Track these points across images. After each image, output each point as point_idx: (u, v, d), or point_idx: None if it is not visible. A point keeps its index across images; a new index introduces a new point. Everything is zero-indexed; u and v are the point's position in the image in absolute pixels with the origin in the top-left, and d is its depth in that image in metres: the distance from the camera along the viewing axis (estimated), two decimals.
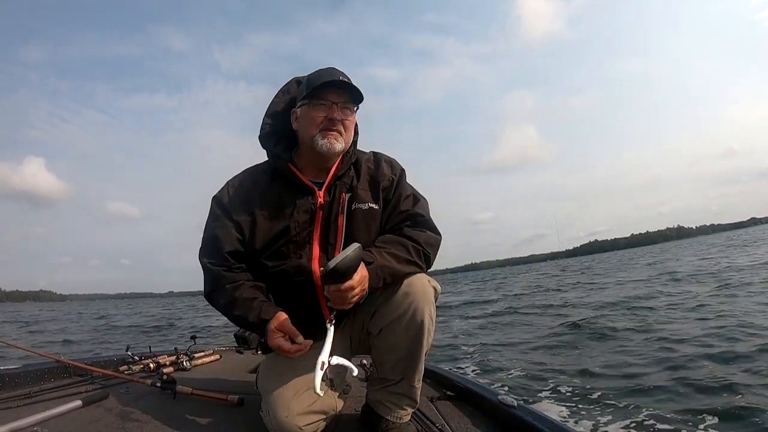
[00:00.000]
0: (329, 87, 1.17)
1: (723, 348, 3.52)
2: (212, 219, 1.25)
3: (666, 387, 2.80)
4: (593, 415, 2.51)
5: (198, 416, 1.41)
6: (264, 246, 1.20)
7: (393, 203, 1.26)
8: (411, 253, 1.16)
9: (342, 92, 1.19)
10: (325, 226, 1.21)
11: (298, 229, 1.20)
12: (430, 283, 1.18)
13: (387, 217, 1.26)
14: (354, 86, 1.18)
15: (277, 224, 1.20)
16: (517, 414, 1.23)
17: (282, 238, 1.20)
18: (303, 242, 1.20)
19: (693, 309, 5.64)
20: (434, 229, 1.25)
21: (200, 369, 2.20)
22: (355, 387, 1.69)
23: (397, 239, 1.19)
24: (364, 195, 1.24)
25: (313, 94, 1.18)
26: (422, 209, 1.27)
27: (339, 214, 1.21)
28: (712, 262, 14.44)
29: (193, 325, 10.75)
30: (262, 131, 1.28)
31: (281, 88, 1.32)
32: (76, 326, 13.48)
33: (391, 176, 1.28)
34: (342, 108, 1.19)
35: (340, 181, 1.24)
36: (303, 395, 1.15)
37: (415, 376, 1.21)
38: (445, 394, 1.57)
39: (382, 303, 1.17)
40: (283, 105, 1.29)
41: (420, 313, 1.14)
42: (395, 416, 1.22)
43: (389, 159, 1.33)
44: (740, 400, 2.43)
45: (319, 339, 1.20)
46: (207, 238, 1.25)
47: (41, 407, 1.44)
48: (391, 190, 1.27)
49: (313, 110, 1.19)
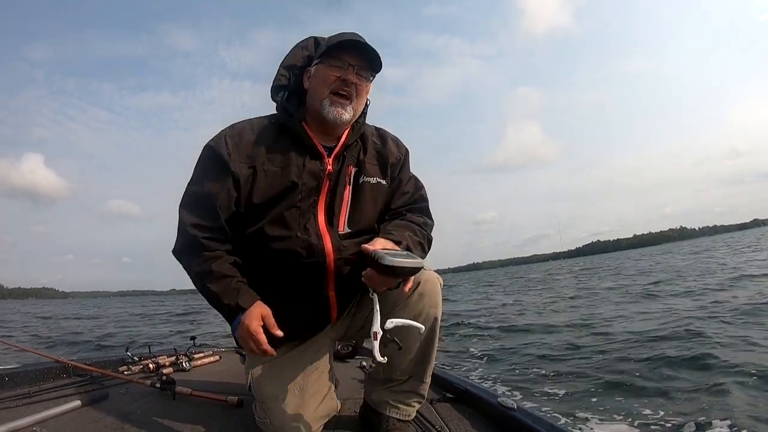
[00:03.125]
0: (349, 47, 1.10)
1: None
2: (204, 170, 1.11)
3: (667, 388, 2.79)
4: (593, 417, 2.50)
5: (197, 417, 1.40)
6: (263, 205, 1.08)
7: (397, 182, 1.23)
8: (418, 235, 1.14)
9: (361, 56, 1.11)
10: (330, 196, 1.13)
11: (303, 194, 1.09)
12: (438, 280, 1.18)
13: (390, 195, 1.23)
14: (374, 50, 1.10)
15: (281, 183, 1.09)
16: (517, 416, 1.23)
17: (286, 199, 1.08)
18: (307, 210, 1.10)
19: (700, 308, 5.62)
20: (431, 217, 1.25)
21: (200, 370, 2.20)
22: (354, 388, 1.69)
23: (405, 224, 1.16)
24: (372, 169, 1.19)
25: (330, 53, 1.11)
26: (423, 196, 1.26)
27: (346, 185, 1.15)
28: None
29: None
30: (275, 82, 1.19)
31: (299, 44, 1.23)
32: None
33: (398, 155, 1.25)
34: (358, 72, 1.11)
35: (348, 152, 1.18)
36: (309, 400, 1.14)
37: (426, 373, 1.21)
38: (445, 397, 1.57)
39: (395, 305, 1.13)
40: (300, 60, 1.21)
41: (434, 313, 1.13)
42: (403, 413, 1.21)
43: (394, 137, 1.29)
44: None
45: (314, 336, 1.19)
46: (196, 193, 1.10)
47: (40, 407, 1.44)
48: (398, 168, 1.24)
49: (328, 69, 1.11)
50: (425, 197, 1.27)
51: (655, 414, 2.42)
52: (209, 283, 1.06)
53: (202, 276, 1.07)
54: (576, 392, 2.96)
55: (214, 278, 1.06)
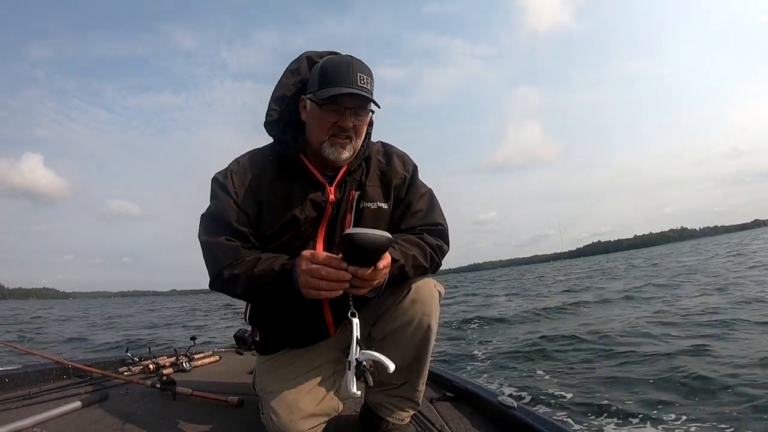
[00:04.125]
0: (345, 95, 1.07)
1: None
2: (220, 201, 1.13)
3: (667, 389, 2.79)
4: (593, 416, 2.50)
5: (197, 417, 1.41)
6: (269, 237, 1.12)
7: (407, 202, 1.21)
8: (427, 259, 1.11)
9: (358, 97, 1.07)
10: (331, 223, 1.15)
11: (306, 225, 1.12)
12: (436, 288, 1.16)
13: (401, 215, 1.20)
14: (369, 96, 1.08)
15: (285, 217, 1.11)
16: (517, 415, 1.23)
17: (289, 231, 1.12)
18: (308, 238, 1.13)
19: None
20: (448, 242, 1.20)
21: (200, 370, 2.20)
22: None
23: (418, 242, 1.13)
24: (374, 193, 1.18)
25: (326, 97, 1.07)
26: (440, 216, 1.22)
27: (347, 212, 1.15)
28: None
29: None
30: (268, 117, 1.17)
31: (290, 67, 1.19)
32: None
33: (403, 173, 1.22)
34: (355, 113, 1.09)
35: (350, 177, 1.18)
36: (306, 397, 1.14)
37: (419, 381, 1.20)
38: (445, 395, 1.57)
39: (388, 309, 1.13)
40: (292, 88, 1.18)
41: (427, 320, 1.11)
42: (396, 418, 1.22)
43: (401, 153, 1.27)
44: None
45: (314, 344, 1.19)
46: (218, 219, 1.11)
47: (41, 408, 1.44)
48: (404, 189, 1.21)
49: (325, 114, 1.08)
50: (442, 220, 1.21)
51: (658, 414, 2.42)
52: (257, 267, 1.03)
53: (250, 267, 1.03)
54: (576, 392, 2.96)
55: (261, 262, 1.03)
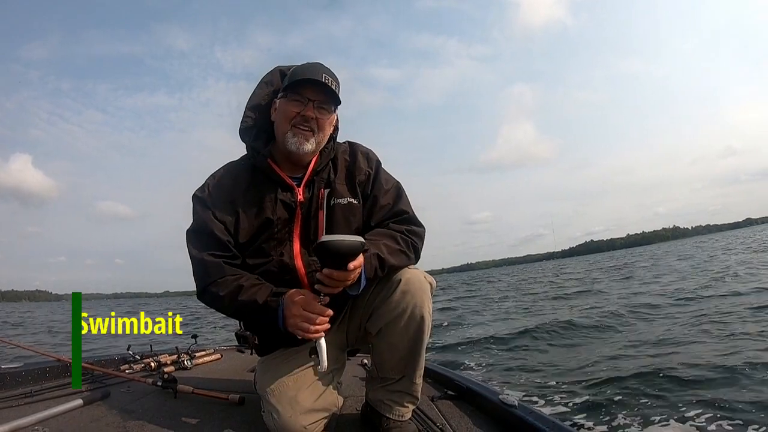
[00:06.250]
0: (309, 84, 1.16)
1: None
2: (201, 216, 1.21)
3: (668, 388, 2.79)
4: (594, 414, 2.50)
5: (199, 415, 1.41)
6: (246, 243, 1.20)
7: (373, 198, 1.25)
8: (400, 242, 1.16)
9: (321, 91, 1.17)
10: (305, 222, 1.21)
11: (279, 226, 1.19)
12: (426, 279, 1.18)
13: (369, 212, 1.25)
14: (332, 89, 1.17)
15: (258, 221, 1.19)
16: (518, 414, 1.23)
17: (263, 234, 1.19)
18: (283, 239, 1.20)
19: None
20: (418, 223, 1.25)
21: (201, 368, 2.20)
22: (355, 386, 1.69)
23: (386, 231, 1.20)
24: (342, 189, 1.24)
25: (291, 88, 1.18)
26: (405, 205, 1.27)
27: (319, 210, 1.21)
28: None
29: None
30: (242, 124, 1.26)
31: (264, 78, 1.29)
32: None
33: (367, 170, 1.27)
34: (318, 107, 1.18)
35: (318, 177, 1.24)
36: (305, 392, 1.15)
37: (416, 373, 1.21)
38: (446, 394, 1.57)
39: (380, 302, 1.16)
40: (266, 98, 1.27)
41: (419, 311, 1.13)
42: (397, 414, 1.22)
43: (365, 150, 1.32)
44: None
45: (303, 342, 1.17)
46: (201, 232, 1.20)
47: (42, 406, 1.44)
48: (369, 184, 1.26)
49: (289, 104, 1.18)
50: (407, 208, 1.26)
51: (659, 413, 2.42)
52: (241, 295, 1.11)
53: (234, 293, 1.11)
54: (577, 392, 2.96)
55: (244, 289, 1.11)
